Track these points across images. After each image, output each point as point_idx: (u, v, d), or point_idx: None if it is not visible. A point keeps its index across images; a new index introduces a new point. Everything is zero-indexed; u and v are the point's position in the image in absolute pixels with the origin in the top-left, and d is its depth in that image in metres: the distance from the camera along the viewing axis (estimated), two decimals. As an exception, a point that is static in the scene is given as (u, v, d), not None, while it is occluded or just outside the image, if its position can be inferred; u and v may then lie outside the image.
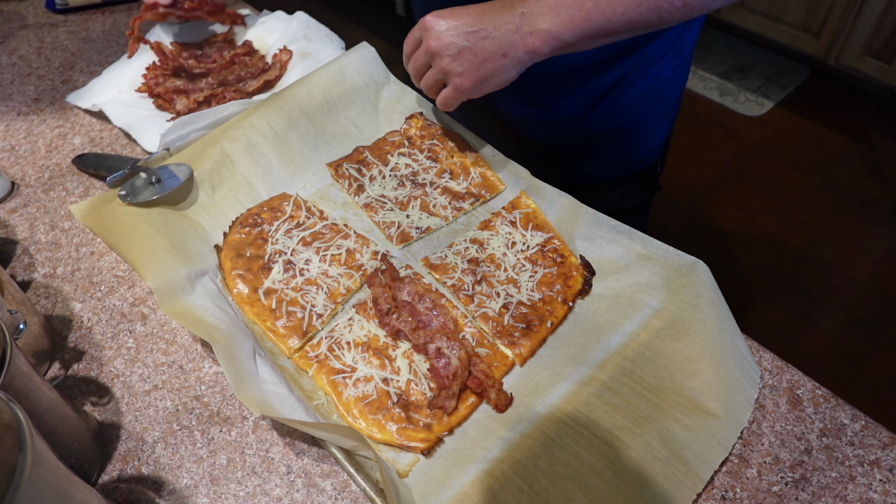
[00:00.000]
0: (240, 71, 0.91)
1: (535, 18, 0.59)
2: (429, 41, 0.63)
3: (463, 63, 0.62)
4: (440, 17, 0.63)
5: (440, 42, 0.62)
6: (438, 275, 0.66)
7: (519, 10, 0.59)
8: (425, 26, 0.63)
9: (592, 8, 0.57)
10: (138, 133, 0.83)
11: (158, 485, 0.53)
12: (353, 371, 0.58)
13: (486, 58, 0.61)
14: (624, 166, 0.88)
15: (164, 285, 0.60)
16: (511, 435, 0.53)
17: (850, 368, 1.60)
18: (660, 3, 0.56)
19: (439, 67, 0.64)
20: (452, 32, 0.62)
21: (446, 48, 0.62)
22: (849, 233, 1.92)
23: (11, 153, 0.85)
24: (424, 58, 0.65)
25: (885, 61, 2.18)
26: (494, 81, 0.63)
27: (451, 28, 0.62)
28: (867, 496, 0.51)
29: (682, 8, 0.57)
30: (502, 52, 0.61)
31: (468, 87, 0.63)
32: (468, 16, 0.62)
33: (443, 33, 0.62)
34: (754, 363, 0.58)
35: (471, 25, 0.61)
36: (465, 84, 0.63)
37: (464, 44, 0.62)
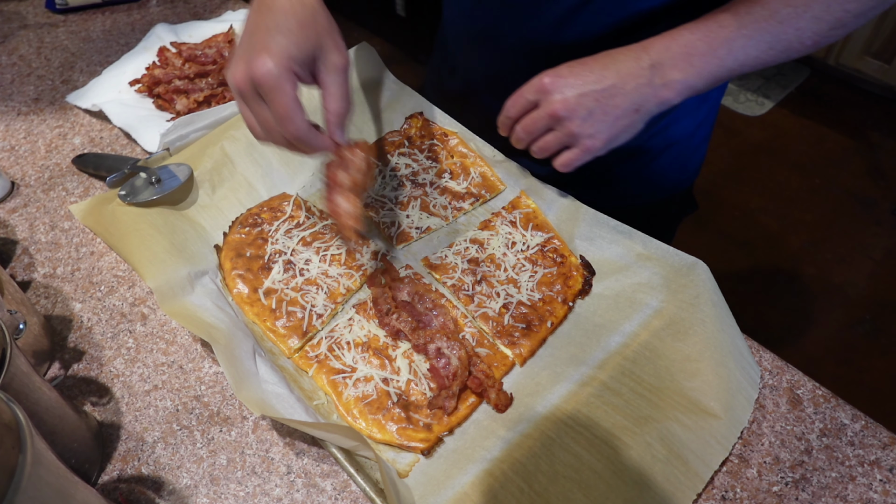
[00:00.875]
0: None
1: (666, 70, 0.56)
2: (552, 105, 0.58)
3: (594, 124, 0.58)
4: (560, 76, 0.58)
5: (567, 105, 0.57)
6: (438, 275, 0.66)
7: (647, 62, 0.56)
8: (544, 88, 0.58)
9: (726, 54, 0.55)
10: (138, 133, 0.83)
11: (158, 485, 0.53)
12: (353, 371, 0.58)
13: (618, 116, 0.58)
14: (668, 187, 0.85)
15: (164, 285, 0.60)
16: (511, 435, 0.53)
17: (850, 368, 1.60)
18: (792, 44, 0.55)
19: (566, 131, 0.59)
20: (578, 93, 0.57)
21: (575, 111, 0.57)
22: (849, 233, 1.92)
23: (11, 153, 0.85)
24: (546, 122, 0.59)
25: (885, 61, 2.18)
26: (624, 137, 0.60)
27: (577, 88, 0.57)
28: (867, 496, 0.51)
29: (812, 46, 0.56)
30: (635, 108, 0.58)
31: (598, 148, 0.60)
32: (590, 73, 0.57)
33: (568, 96, 0.57)
34: (754, 363, 0.58)
35: (597, 83, 0.57)
36: (595, 145, 0.59)
37: (593, 104, 0.57)
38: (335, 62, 0.52)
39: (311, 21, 0.50)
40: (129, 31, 1.07)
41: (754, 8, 0.55)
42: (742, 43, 0.55)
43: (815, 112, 2.32)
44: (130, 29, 1.07)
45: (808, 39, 0.55)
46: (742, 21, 0.55)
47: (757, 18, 0.54)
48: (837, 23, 0.54)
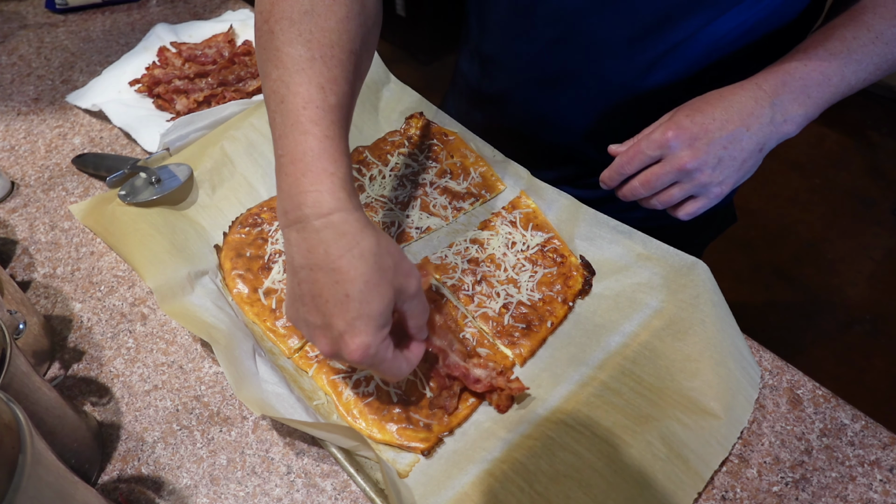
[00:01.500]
0: (240, 71, 0.91)
1: (787, 105, 0.56)
2: (681, 160, 0.57)
3: (724, 171, 0.58)
4: (683, 129, 0.57)
5: (696, 157, 0.56)
6: (438, 275, 0.66)
7: (766, 100, 0.56)
8: (668, 144, 0.57)
9: (839, 81, 0.56)
10: (138, 133, 0.83)
11: (158, 485, 0.53)
12: (354, 371, 0.58)
13: (745, 158, 0.57)
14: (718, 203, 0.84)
15: (164, 285, 0.60)
16: (511, 435, 0.53)
17: (850, 368, 1.60)
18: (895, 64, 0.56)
19: (696, 182, 0.58)
20: (705, 143, 0.56)
21: (705, 163, 0.56)
22: (849, 233, 1.92)
23: (11, 153, 0.85)
24: (673, 176, 0.58)
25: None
26: (748, 175, 0.60)
27: (703, 138, 0.56)
28: (867, 496, 0.51)
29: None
30: (759, 148, 0.57)
31: (726, 192, 0.59)
32: (713, 120, 0.56)
33: (698, 148, 0.56)
34: (754, 363, 0.58)
35: (721, 130, 0.56)
36: (724, 191, 0.59)
37: (722, 153, 0.56)
38: (410, 292, 0.47)
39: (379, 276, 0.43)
40: (129, 31, 1.07)
41: (860, 32, 0.56)
42: (854, 68, 0.56)
43: (815, 112, 2.32)
44: (130, 29, 1.07)
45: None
46: (850, 46, 0.56)
47: (864, 42, 0.55)
48: None
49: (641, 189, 0.61)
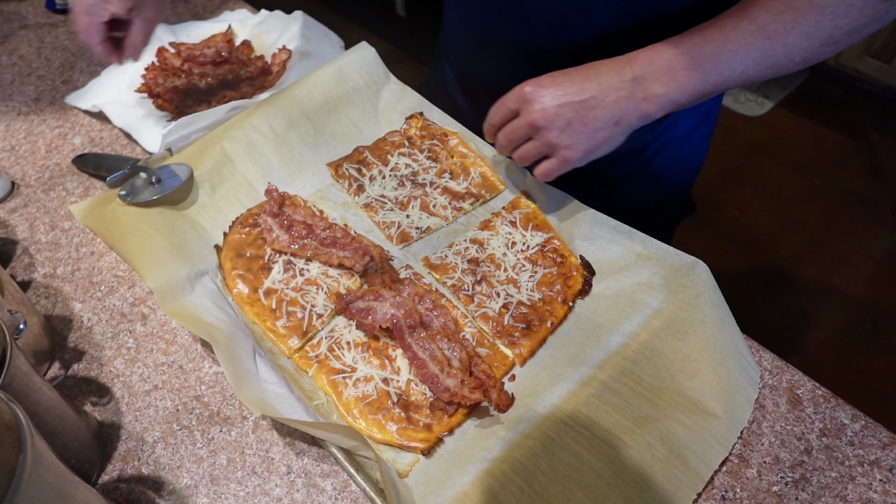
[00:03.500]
0: (239, 71, 0.91)
1: (648, 83, 0.56)
2: (532, 114, 0.58)
3: (572, 135, 0.58)
4: (541, 86, 0.58)
5: (546, 115, 0.58)
6: (438, 275, 0.66)
7: (629, 75, 0.56)
8: (525, 98, 0.59)
9: (710, 69, 0.54)
10: (138, 133, 0.83)
11: (158, 485, 0.53)
12: (353, 371, 0.58)
13: (597, 128, 0.58)
14: (667, 186, 0.84)
15: (164, 285, 0.60)
16: (511, 435, 0.53)
17: (850, 368, 1.60)
18: (780, 61, 0.54)
19: (544, 140, 0.59)
20: (558, 104, 0.57)
21: (553, 121, 0.58)
22: (849, 233, 1.92)
23: (11, 153, 0.85)
24: (525, 130, 0.60)
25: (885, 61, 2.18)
26: (604, 149, 0.60)
27: (557, 98, 0.57)
28: (867, 496, 0.51)
29: (802, 63, 0.54)
30: (615, 121, 0.57)
31: (577, 158, 0.59)
32: (571, 83, 0.57)
33: (548, 106, 0.57)
34: (754, 363, 0.58)
35: (577, 94, 0.57)
36: (573, 156, 0.59)
37: (572, 115, 0.57)
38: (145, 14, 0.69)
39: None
40: (129, 31, 1.07)
41: (742, 23, 0.54)
42: (727, 58, 0.54)
43: (815, 112, 2.32)
44: (130, 29, 1.07)
45: (797, 56, 0.54)
46: (728, 36, 0.54)
47: (744, 34, 0.53)
48: (828, 39, 0.52)
49: (504, 141, 0.63)
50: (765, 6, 0.53)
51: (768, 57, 0.54)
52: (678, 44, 0.55)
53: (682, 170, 0.83)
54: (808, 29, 0.52)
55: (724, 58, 0.54)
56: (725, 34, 0.54)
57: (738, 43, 0.54)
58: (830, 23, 0.51)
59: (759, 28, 0.53)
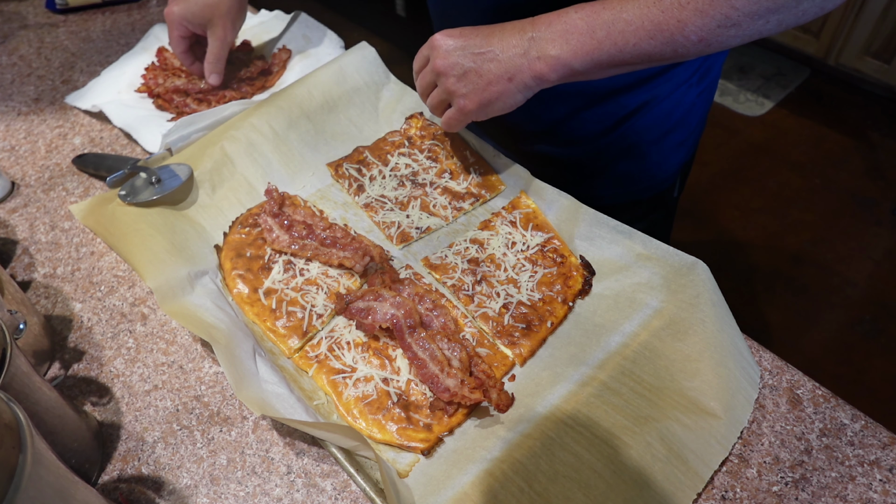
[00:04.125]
0: (239, 71, 0.91)
1: (544, 43, 0.57)
2: (435, 60, 0.62)
3: (468, 84, 0.61)
4: (449, 36, 0.61)
5: (446, 61, 0.61)
6: (438, 275, 0.66)
7: (529, 34, 0.58)
8: (433, 45, 0.62)
9: (604, 37, 0.55)
10: (139, 133, 0.83)
11: (158, 485, 0.53)
12: (353, 371, 0.58)
13: (491, 80, 0.59)
14: (636, 189, 0.85)
15: (164, 285, 0.60)
16: (511, 435, 0.53)
17: (850, 368, 1.60)
18: (675, 37, 0.53)
19: (444, 87, 0.62)
20: (459, 52, 0.60)
21: (451, 68, 0.61)
22: (849, 233, 1.92)
23: (11, 153, 0.85)
24: (430, 76, 0.64)
25: (885, 61, 2.18)
26: (499, 105, 0.61)
27: (458, 48, 0.60)
28: (867, 496, 0.51)
29: (699, 43, 0.53)
30: (508, 76, 0.59)
31: (472, 110, 0.62)
32: (476, 36, 0.60)
33: (449, 52, 0.60)
34: (754, 363, 0.58)
35: (478, 46, 0.59)
36: (468, 106, 0.62)
37: (469, 65, 0.60)
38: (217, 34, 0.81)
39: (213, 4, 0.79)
40: (129, 31, 1.07)
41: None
42: (621, 27, 0.54)
43: (815, 112, 2.32)
44: (130, 29, 1.07)
45: (692, 34, 0.52)
46: (625, 6, 0.54)
47: (640, 4, 0.53)
48: (726, 20, 0.51)
49: (419, 88, 0.67)
50: None
51: (662, 31, 0.53)
52: (579, 9, 0.56)
53: (652, 174, 0.84)
54: (703, 6, 0.51)
55: (618, 27, 0.54)
56: (623, 3, 0.54)
57: (632, 13, 0.53)
58: (727, 2, 0.50)
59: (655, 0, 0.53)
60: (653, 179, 0.85)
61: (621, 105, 0.75)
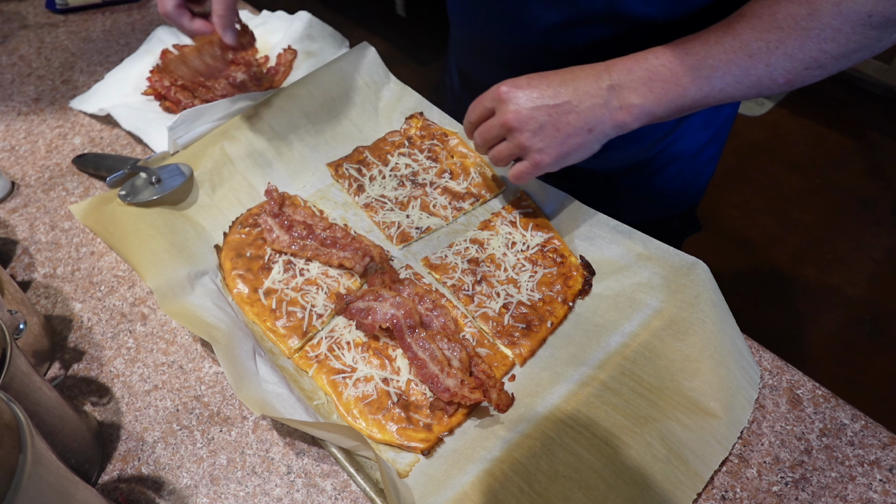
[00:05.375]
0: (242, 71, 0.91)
1: (625, 92, 0.55)
2: (506, 115, 0.58)
3: (545, 139, 0.57)
4: (517, 87, 0.57)
5: (519, 116, 0.57)
6: (438, 275, 0.66)
7: (606, 82, 0.55)
8: (500, 98, 0.58)
9: (689, 83, 0.53)
10: (148, 136, 0.82)
11: (158, 485, 0.53)
12: (353, 371, 0.58)
13: (570, 133, 0.57)
14: (669, 205, 0.83)
15: (164, 285, 0.60)
16: (511, 435, 0.53)
17: (850, 368, 1.60)
18: (762, 81, 0.52)
19: (517, 142, 0.59)
20: (532, 105, 0.57)
21: (526, 123, 0.57)
22: (849, 233, 1.92)
23: (11, 153, 0.85)
24: (498, 130, 0.60)
25: (885, 61, 2.18)
26: (576, 156, 0.59)
27: (531, 101, 0.57)
28: (867, 496, 0.51)
29: (784, 84, 0.53)
30: (588, 128, 0.56)
31: (548, 164, 0.59)
32: (548, 87, 0.57)
33: (522, 106, 0.57)
34: (754, 363, 0.58)
35: (552, 98, 0.56)
36: (545, 160, 0.58)
37: (545, 119, 0.57)
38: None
39: None
40: (129, 31, 1.07)
41: (725, 38, 0.52)
42: (707, 73, 0.53)
43: (815, 112, 2.32)
44: (130, 29, 1.07)
45: (780, 77, 0.52)
46: (710, 51, 0.53)
47: (726, 49, 0.52)
48: (813, 63, 0.51)
49: (479, 139, 0.63)
50: (750, 24, 0.52)
51: (749, 76, 0.52)
52: (659, 54, 0.54)
53: (687, 189, 0.82)
54: (792, 50, 0.51)
55: (704, 73, 0.53)
56: (708, 48, 0.53)
57: (719, 59, 0.52)
58: (816, 46, 0.50)
59: (742, 45, 0.52)
60: (686, 195, 0.82)
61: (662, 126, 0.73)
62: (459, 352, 0.57)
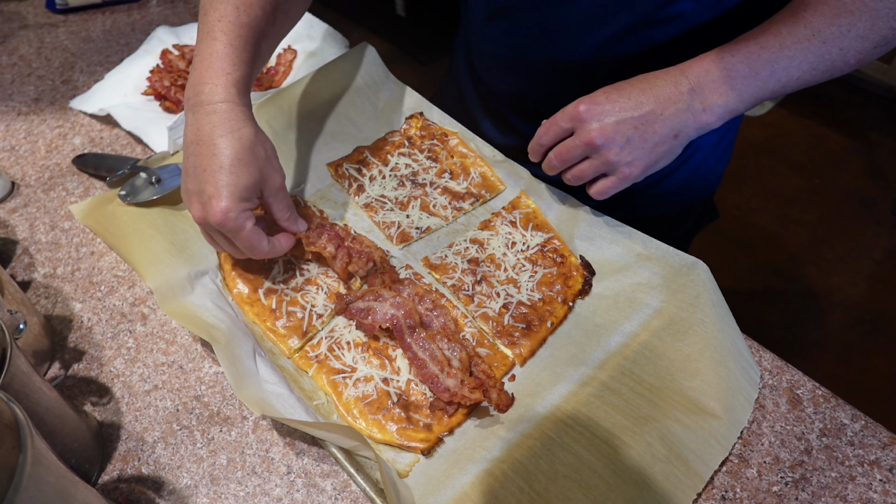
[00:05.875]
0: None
1: (707, 94, 0.55)
2: (589, 133, 0.57)
3: (633, 152, 0.57)
4: (596, 104, 0.57)
5: (604, 133, 0.56)
6: (438, 275, 0.66)
7: (686, 86, 0.55)
8: (580, 117, 0.57)
9: (768, 76, 0.54)
10: (149, 136, 0.82)
11: (158, 485, 0.53)
12: (353, 371, 0.58)
13: (657, 142, 0.56)
14: (690, 196, 0.83)
15: (164, 285, 0.60)
16: (511, 435, 0.53)
17: (850, 368, 1.60)
18: (836, 64, 0.53)
19: (604, 159, 0.58)
20: (616, 119, 0.56)
21: (613, 140, 0.56)
22: (849, 233, 1.92)
23: (11, 153, 0.85)
24: (582, 150, 0.58)
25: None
26: (663, 163, 0.59)
27: (614, 116, 0.56)
28: (867, 496, 0.51)
29: (856, 64, 0.54)
30: (674, 134, 0.56)
31: (637, 175, 0.58)
32: (628, 98, 0.56)
33: (606, 124, 0.56)
34: (754, 363, 0.58)
35: (635, 109, 0.56)
36: (634, 172, 0.58)
37: (631, 132, 0.56)
38: (275, 185, 0.58)
39: (251, 157, 0.54)
40: (129, 31, 1.07)
41: (797, 28, 0.53)
42: (785, 64, 0.54)
43: (815, 112, 2.32)
44: (131, 29, 1.07)
45: (852, 59, 0.53)
46: (784, 42, 0.53)
47: (800, 38, 0.53)
48: (882, 41, 0.53)
49: (556, 161, 0.61)
50: (818, 11, 0.53)
51: (824, 61, 0.53)
52: (734, 52, 0.55)
53: (707, 178, 0.82)
54: (864, 31, 0.52)
55: (782, 64, 0.54)
56: (781, 40, 0.54)
57: (794, 48, 0.53)
58: (886, 24, 0.52)
59: (815, 32, 0.53)
60: (707, 183, 0.83)
61: None
62: (459, 352, 0.57)
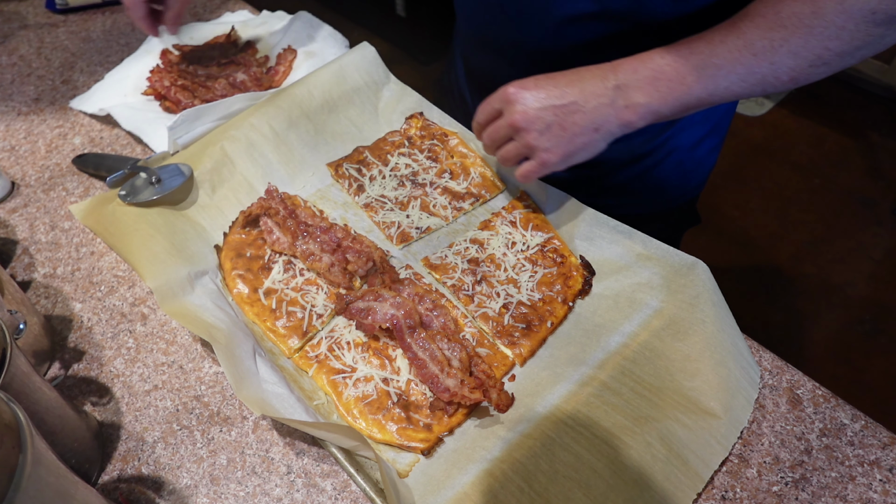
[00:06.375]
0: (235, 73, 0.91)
1: (631, 92, 0.55)
2: (513, 115, 0.59)
3: (551, 139, 0.58)
4: (524, 88, 0.58)
5: (526, 117, 0.58)
6: (438, 275, 0.66)
7: (612, 82, 0.56)
8: (508, 98, 0.59)
9: (694, 82, 0.54)
10: (149, 136, 0.82)
11: (158, 485, 0.53)
12: (354, 371, 0.58)
13: (576, 133, 0.58)
14: (668, 198, 0.83)
15: (164, 285, 0.60)
16: (511, 435, 0.53)
17: (850, 368, 1.60)
18: (766, 78, 0.53)
19: (524, 142, 0.60)
20: (538, 106, 0.57)
21: (533, 123, 0.58)
22: (849, 233, 1.92)
23: (11, 153, 0.85)
24: (506, 131, 0.61)
25: (885, 61, 2.18)
26: (583, 155, 0.60)
27: (538, 101, 0.58)
28: (867, 496, 0.51)
29: (789, 82, 0.53)
30: (594, 127, 0.57)
31: (554, 163, 0.59)
32: (555, 87, 0.58)
33: (528, 106, 0.58)
34: (754, 363, 0.58)
35: (559, 98, 0.57)
36: (551, 159, 0.59)
37: (552, 118, 0.57)
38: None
39: None
40: (129, 31, 1.07)
41: (729, 37, 0.53)
42: (712, 72, 0.53)
43: (815, 112, 2.32)
44: (130, 29, 1.07)
45: (784, 75, 0.52)
46: (715, 50, 0.53)
47: (731, 48, 0.53)
48: (818, 60, 0.51)
49: (487, 140, 0.64)
50: (754, 22, 0.52)
51: (754, 74, 0.53)
52: (664, 54, 0.55)
53: (686, 181, 0.82)
54: (797, 48, 0.51)
55: (709, 72, 0.53)
56: (712, 48, 0.53)
57: (723, 57, 0.53)
58: (820, 44, 0.50)
59: (747, 44, 0.52)
60: (685, 187, 0.83)
61: None
62: (459, 352, 0.57)
